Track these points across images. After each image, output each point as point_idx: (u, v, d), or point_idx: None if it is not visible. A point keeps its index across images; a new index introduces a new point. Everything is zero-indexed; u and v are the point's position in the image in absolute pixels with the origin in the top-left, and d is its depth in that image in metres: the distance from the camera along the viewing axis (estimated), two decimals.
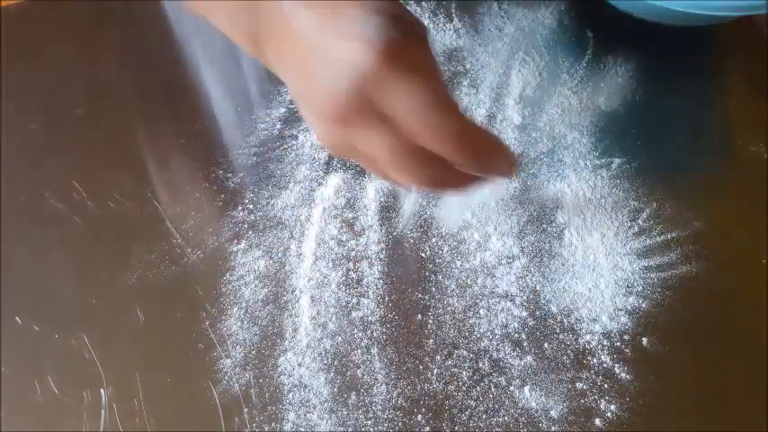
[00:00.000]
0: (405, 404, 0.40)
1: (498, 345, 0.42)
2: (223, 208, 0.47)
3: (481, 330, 0.43)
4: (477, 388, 0.41)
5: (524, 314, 0.43)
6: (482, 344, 0.42)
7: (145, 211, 0.47)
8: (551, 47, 0.54)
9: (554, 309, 0.43)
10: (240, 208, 0.47)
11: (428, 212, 0.47)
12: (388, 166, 0.31)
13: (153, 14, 0.57)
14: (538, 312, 0.43)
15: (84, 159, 0.50)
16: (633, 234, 0.46)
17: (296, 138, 0.50)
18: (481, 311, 0.43)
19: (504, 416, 0.40)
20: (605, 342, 0.42)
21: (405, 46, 0.28)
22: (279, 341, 0.42)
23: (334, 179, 0.49)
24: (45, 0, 0.58)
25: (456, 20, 0.56)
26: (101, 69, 0.54)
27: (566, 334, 0.42)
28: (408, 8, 0.56)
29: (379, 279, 0.45)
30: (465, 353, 0.42)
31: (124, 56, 0.55)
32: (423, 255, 0.45)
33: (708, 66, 0.54)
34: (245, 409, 0.40)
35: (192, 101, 0.52)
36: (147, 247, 0.46)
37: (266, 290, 0.44)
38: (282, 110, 0.52)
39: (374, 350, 0.42)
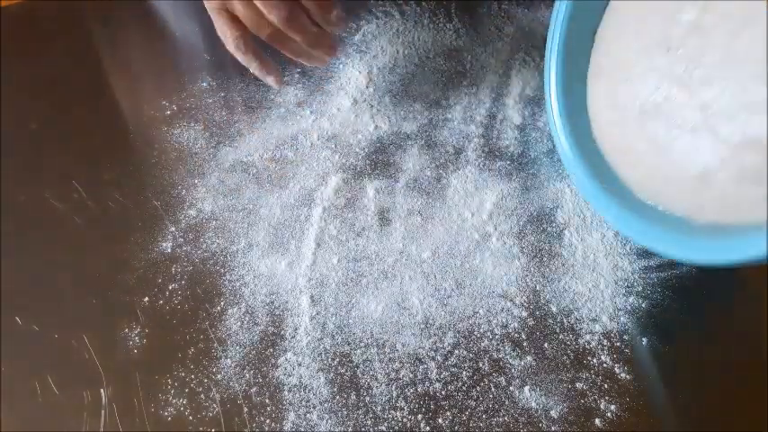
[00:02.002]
0: (405, 404, 0.40)
1: (498, 345, 0.42)
2: (223, 208, 0.48)
3: (481, 330, 0.43)
4: (477, 388, 0.41)
5: (524, 314, 0.43)
6: (482, 344, 0.42)
7: (145, 211, 0.47)
8: None
9: (554, 309, 0.43)
10: (240, 208, 0.47)
11: (426, 213, 0.47)
12: None
13: (154, 14, 0.57)
14: (538, 312, 0.43)
15: (84, 159, 0.50)
16: None
17: (296, 138, 0.51)
18: (481, 311, 0.43)
19: (504, 416, 0.40)
20: (605, 342, 0.42)
21: None
22: (279, 341, 0.42)
23: (334, 179, 0.49)
24: (45, 0, 0.58)
25: (456, 20, 0.56)
26: (100, 69, 0.54)
27: (566, 334, 0.42)
28: (408, 8, 0.56)
29: (378, 279, 0.45)
30: (465, 353, 0.42)
31: (124, 56, 0.55)
32: (423, 255, 0.45)
33: None
34: (245, 409, 0.40)
35: (192, 101, 0.52)
36: (147, 248, 0.46)
37: (266, 290, 0.44)
38: (282, 110, 0.52)
39: (374, 350, 0.42)
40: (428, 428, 0.40)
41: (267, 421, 0.40)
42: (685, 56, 0.36)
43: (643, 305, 0.43)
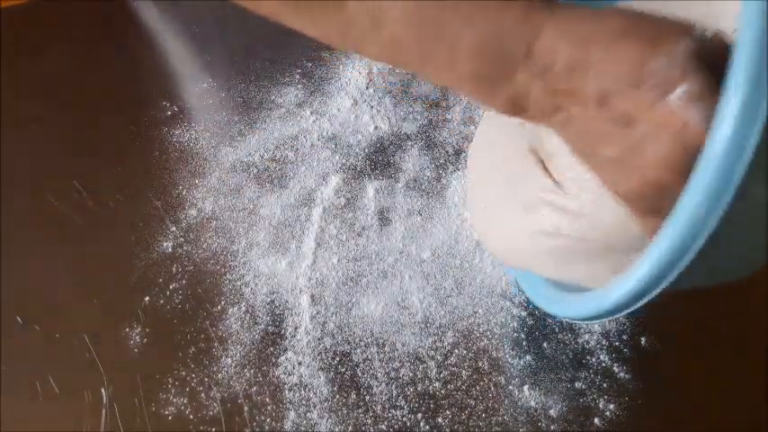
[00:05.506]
0: (404, 403, 0.40)
1: (498, 344, 0.42)
2: (224, 207, 0.48)
3: (480, 330, 0.43)
4: (477, 387, 0.41)
5: (523, 314, 0.43)
6: (481, 343, 0.42)
7: (145, 211, 0.47)
8: None
9: None
10: (240, 207, 0.48)
11: (426, 213, 0.47)
12: None
13: (155, 14, 0.57)
14: (537, 312, 0.43)
15: (84, 159, 0.50)
16: None
17: (296, 138, 0.51)
18: (480, 311, 0.43)
19: (503, 415, 0.40)
20: (604, 341, 0.42)
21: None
22: (279, 340, 0.42)
23: (335, 179, 0.49)
24: (45, 0, 0.58)
25: None
26: (100, 70, 0.54)
27: (564, 333, 0.43)
28: None
29: (378, 278, 0.45)
30: (464, 352, 0.42)
31: (125, 56, 0.55)
32: (423, 255, 0.46)
33: None
34: (246, 408, 0.40)
35: (192, 102, 0.52)
36: (148, 247, 0.46)
37: (266, 289, 0.44)
38: (282, 110, 0.52)
39: (374, 349, 0.42)
40: (428, 427, 0.40)
41: (268, 420, 0.40)
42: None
43: None
